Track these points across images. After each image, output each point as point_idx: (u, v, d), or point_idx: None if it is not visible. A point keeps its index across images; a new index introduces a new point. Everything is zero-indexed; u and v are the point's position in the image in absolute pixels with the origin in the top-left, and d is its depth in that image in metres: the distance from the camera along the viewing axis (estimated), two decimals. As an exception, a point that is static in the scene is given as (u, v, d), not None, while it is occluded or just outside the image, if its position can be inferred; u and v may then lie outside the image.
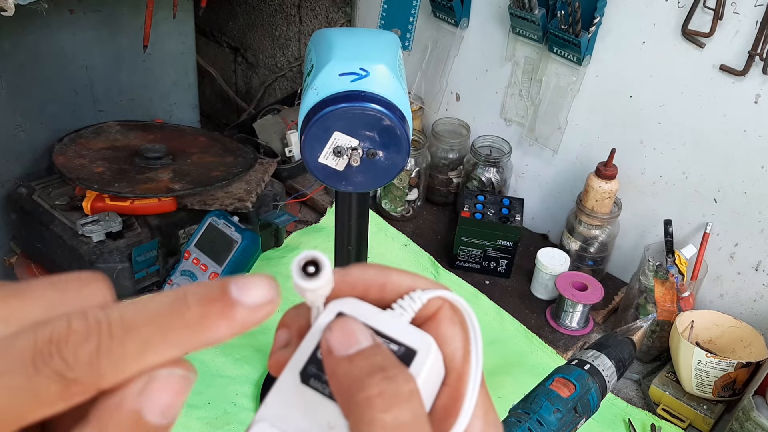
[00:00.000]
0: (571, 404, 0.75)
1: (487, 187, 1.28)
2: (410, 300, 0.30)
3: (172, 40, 1.37)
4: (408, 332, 0.29)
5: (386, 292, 0.31)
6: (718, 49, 1.00)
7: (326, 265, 0.29)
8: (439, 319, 0.31)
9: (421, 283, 0.31)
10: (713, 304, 1.14)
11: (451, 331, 0.31)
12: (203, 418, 0.92)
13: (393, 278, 0.31)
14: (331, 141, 0.65)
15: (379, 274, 0.31)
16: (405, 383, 0.27)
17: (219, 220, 1.03)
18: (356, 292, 0.31)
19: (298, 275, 0.29)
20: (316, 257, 0.29)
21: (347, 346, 0.28)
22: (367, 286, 0.31)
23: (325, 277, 0.29)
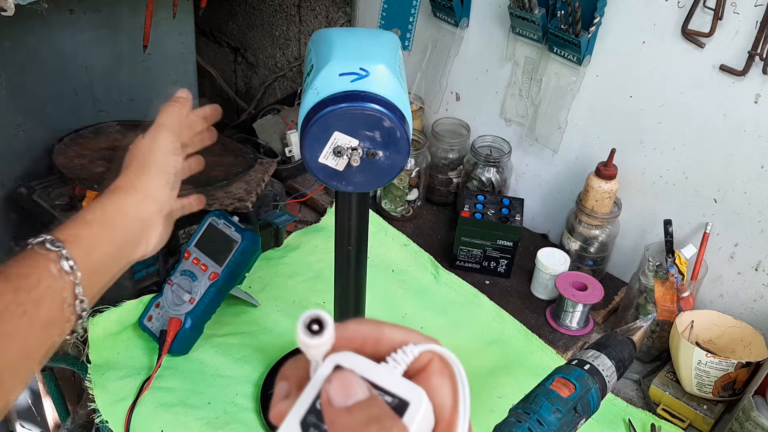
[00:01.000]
0: (571, 404, 0.75)
1: (487, 187, 1.28)
2: (403, 353, 0.33)
3: (172, 40, 1.37)
4: (401, 384, 0.32)
5: (381, 346, 0.34)
6: (718, 49, 1.00)
7: (329, 324, 0.31)
8: (429, 371, 0.33)
9: (413, 337, 0.34)
10: (713, 304, 1.14)
11: (441, 383, 0.33)
12: (203, 418, 0.92)
13: (387, 333, 0.34)
14: (331, 141, 0.65)
15: (374, 329, 0.34)
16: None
17: (219, 220, 1.03)
18: (353, 346, 0.34)
19: (303, 333, 0.31)
20: (321, 316, 0.31)
21: (346, 397, 0.31)
22: (363, 340, 0.34)
23: (328, 334, 0.31)
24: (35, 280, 0.56)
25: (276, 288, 1.15)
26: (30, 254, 0.58)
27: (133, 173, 0.69)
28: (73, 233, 0.61)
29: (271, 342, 1.05)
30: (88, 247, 0.61)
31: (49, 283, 0.57)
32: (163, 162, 0.70)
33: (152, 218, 0.69)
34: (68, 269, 0.58)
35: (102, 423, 0.92)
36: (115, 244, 0.65)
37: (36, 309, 0.55)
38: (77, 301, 0.59)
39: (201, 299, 1.00)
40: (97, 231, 0.63)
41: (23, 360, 0.55)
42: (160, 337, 1.00)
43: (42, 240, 0.59)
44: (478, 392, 1.00)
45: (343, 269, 0.82)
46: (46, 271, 0.57)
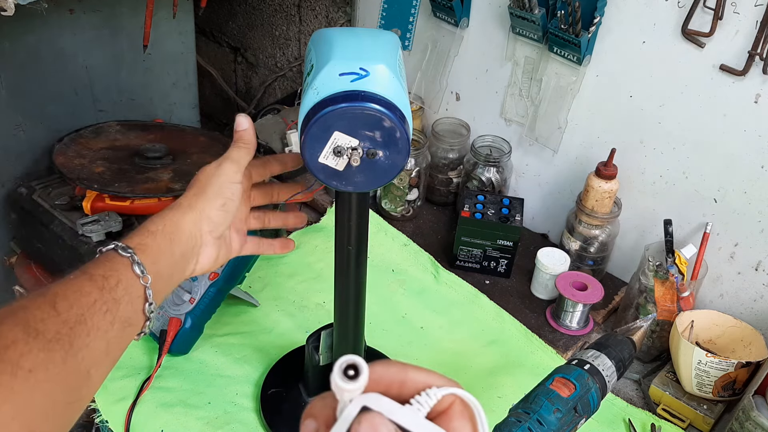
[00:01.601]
0: (571, 404, 0.75)
1: (487, 187, 1.28)
2: (426, 396, 0.35)
3: (172, 40, 1.37)
4: (424, 426, 0.34)
5: (405, 388, 0.36)
6: (718, 49, 1.00)
7: (365, 370, 0.33)
8: (451, 414, 0.36)
9: (436, 381, 0.37)
10: (713, 304, 1.14)
11: (461, 424, 0.36)
12: (203, 418, 0.92)
13: (411, 375, 0.37)
14: (331, 141, 0.65)
15: (399, 372, 0.37)
16: None
17: (219, 220, 1.03)
18: (379, 388, 0.36)
19: (340, 377, 0.32)
20: (357, 362, 0.32)
21: None
22: (389, 382, 0.36)
23: (362, 380, 0.33)
24: (115, 281, 0.61)
25: (276, 288, 1.15)
26: (108, 257, 0.63)
27: (193, 194, 0.74)
28: (140, 242, 0.66)
29: (271, 342, 1.05)
30: (153, 255, 0.66)
31: (126, 285, 0.62)
32: (221, 187, 0.75)
33: (204, 237, 0.73)
34: (140, 273, 0.63)
35: (102, 423, 0.92)
36: (174, 256, 0.69)
37: (116, 308, 0.61)
38: (147, 304, 0.64)
39: (201, 299, 1.00)
40: (160, 242, 0.68)
41: (106, 356, 0.60)
42: (160, 337, 1.00)
43: (114, 247, 0.64)
44: (478, 392, 1.00)
45: (343, 269, 0.82)
46: (125, 273, 0.63)
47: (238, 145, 0.78)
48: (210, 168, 0.76)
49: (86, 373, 0.56)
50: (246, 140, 0.78)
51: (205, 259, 0.74)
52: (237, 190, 0.76)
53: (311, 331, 0.93)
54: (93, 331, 0.57)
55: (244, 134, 0.78)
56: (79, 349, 0.55)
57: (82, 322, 0.56)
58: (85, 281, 0.59)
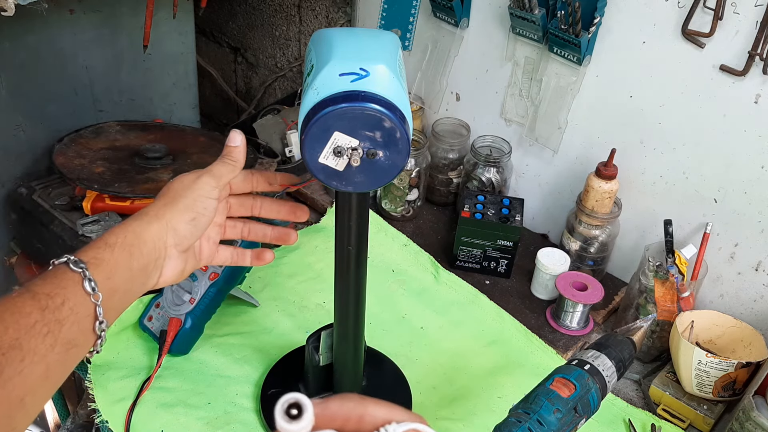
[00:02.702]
0: (571, 404, 0.75)
1: (487, 187, 1.28)
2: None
3: (172, 40, 1.37)
4: None
5: (364, 424, 0.35)
6: (718, 49, 1.00)
7: (308, 408, 0.31)
8: None
9: (396, 415, 0.36)
10: (713, 304, 1.14)
11: None
12: (203, 418, 0.92)
13: (370, 410, 0.36)
14: (331, 141, 0.65)
15: (357, 407, 0.36)
16: None
17: (219, 220, 1.03)
18: (335, 424, 0.35)
19: (282, 418, 0.31)
20: (299, 400, 0.31)
21: None
22: (346, 417, 0.35)
23: (306, 419, 0.32)
24: (60, 300, 0.57)
25: (276, 288, 1.15)
26: (56, 273, 0.59)
27: (162, 203, 0.70)
28: (95, 255, 0.62)
29: (271, 342, 1.05)
30: (109, 270, 0.62)
31: (74, 304, 0.58)
32: (194, 201, 0.70)
33: (169, 250, 0.69)
34: (90, 290, 0.59)
35: (102, 423, 0.92)
36: (132, 270, 0.65)
37: (59, 329, 0.56)
38: (98, 322, 0.60)
39: (201, 299, 1.00)
40: (118, 255, 0.63)
41: (45, 381, 0.55)
42: (160, 337, 1.00)
43: (65, 260, 0.60)
44: (478, 392, 1.00)
45: (343, 269, 0.82)
46: (73, 291, 0.58)
47: (224, 161, 0.74)
48: (187, 178, 0.72)
49: (19, 402, 0.52)
50: (234, 157, 0.74)
51: (170, 271, 0.70)
52: (211, 206, 0.71)
53: (311, 331, 0.93)
54: (29, 355, 0.53)
55: (234, 151, 0.74)
56: (9, 378, 0.51)
57: (16, 347, 0.52)
58: (26, 300, 0.55)
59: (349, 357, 0.90)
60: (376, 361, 1.02)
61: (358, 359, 0.92)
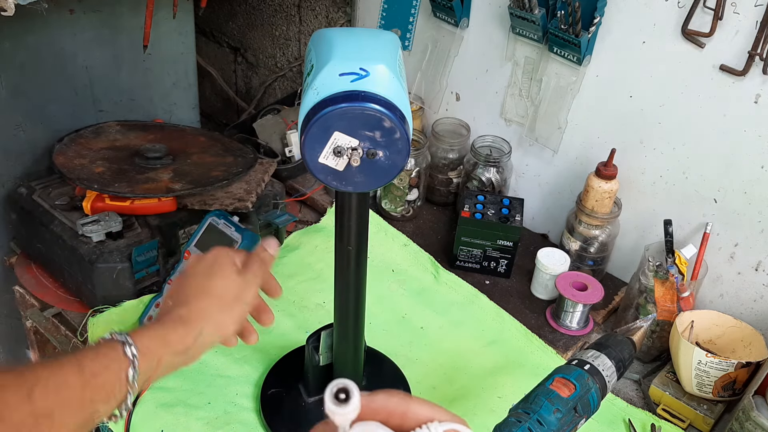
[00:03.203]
0: (571, 404, 0.75)
1: (487, 187, 1.28)
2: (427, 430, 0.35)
3: (172, 40, 1.37)
4: None
5: (407, 420, 0.36)
6: (718, 49, 1.00)
7: (355, 394, 0.33)
8: None
9: (439, 415, 0.36)
10: (713, 304, 1.14)
11: None
12: (203, 418, 0.92)
13: (413, 408, 0.36)
14: (331, 141, 0.65)
15: (401, 403, 0.36)
16: None
17: (219, 220, 1.03)
18: (379, 417, 0.36)
19: (331, 401, 0.33)
20: (348, 386, 0.33)
21: None
22: (390, 412, 0.36)
23: (353, 404, 0.33)
24: (101, 381, 0.60)
25: (276, 288, 1.15)
26: (108, 353, 0.61)
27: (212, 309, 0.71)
28: (148, 346, 0.64)
29: (271, 342, 1.05)
30: (154, 361, 0.64)
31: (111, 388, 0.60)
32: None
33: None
34: (131, 380, 0.61)
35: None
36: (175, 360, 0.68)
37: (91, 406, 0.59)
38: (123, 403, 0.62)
39: (201, 299, 1.00)
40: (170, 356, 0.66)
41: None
42: (160, 337, 1.00)
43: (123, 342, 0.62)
44: (478, 392, 1.00)
45: (343, 269, 0.82)
46: (115, 376, 0.60)
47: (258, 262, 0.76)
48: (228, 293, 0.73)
49: None
50: (272, 288, 0.78)
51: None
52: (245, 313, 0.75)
53: (311, 331, 0.93)
54: (56, 426, 0.56)
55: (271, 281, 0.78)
56: None
57: (48, 417, 0.55)
58: (73, 372, 0.58)
59: (349, 357, 0.90)
60: (376, 361, 1.02)
61: (358, 359, 0.92)
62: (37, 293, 1.14)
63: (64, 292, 1.13)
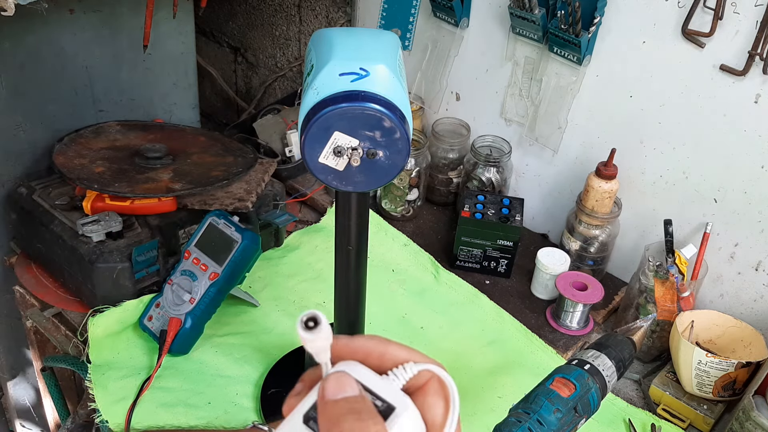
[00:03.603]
0: (571, 404, 0.75)
1: (487, 187, 1.28)
2: (402, 370, 0.37)
3: (172, 40, 1.37)
4: (393, 394, 0.36)
5: (385, 360, 0.38)
6: (718, 49, 1.00)
7: (323, 321, 0.35)
8: (426, 390, 0.37)
9: (415, 357, 0.38)
10: (713, 304, 1.14)
11: (434, 401, 0.37)
12: (203, 418, 0.92)
13: (391, 350, 0.38)
14: (331, 141, 0.65)
15: (380, 345, 0.38)
16: (373, 425, 0.33)
17: (219, 220, 1.03)
18: (358, 356, 0.38)
19: (301, 328, 0.35)
20: (316, 315, 0.35)
21: (336, 392, 0.35)
22: (368, 352, 0.38)
23: (322, 330, 0.35)
24: None
25: (276, 288, 1.15)
26: None
27: None
28: None
29: (271, 342, 1.05)
30: None
31: None
32: None
33: None
34: None
35: (102, 423, 0.92)
36: None
37: None
38: None
39: (201, 299, 1.00)
40: None
41: None
42: (161, 337, 1.00)
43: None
44: (478, 392, 1.00)
45: (343, 269, 0.82)
46: None
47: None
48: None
49: None
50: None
51: None
52: None
53: (311, 331, 0.93)
54: None
55: None
56: None
57: None
58: None
59: (349, 357, 0.90)
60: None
61: (358, 359, 0.91)
62: (37, 293, 1.14)
63: (64, 292, 1.13)
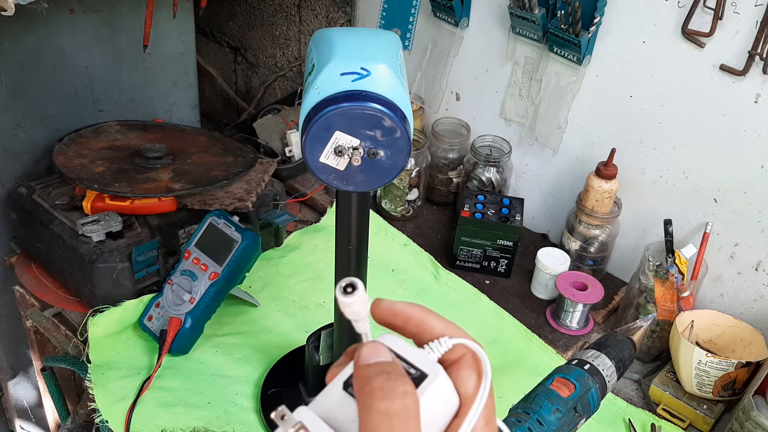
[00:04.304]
0: (571, 404, 0.75)
1: (487, 187, 1.28)
2: (438, 344, 0.38)
3: (172, 40, 1.37)
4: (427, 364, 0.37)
5: (423, 329, 0.39)
6: (718, 48, 1.00)
7: (360, 288, 0.37)
8: (460, 363, 0.38)
9: (452, 331, 0.39)
10: (713, 303, 1.14)
11: (467, 375, 0.38)
12: (203, 418, 0.92)
13: (430, 319, 0.39)
14: (332, 140, 0.65)
15: (421, 313, 0.39)
16: (402, 385, 0.34)
17: (219, 220, 1.03)
18: (398, 320, 0.39)
19: (340, 293, 0.37)
20: (354, 282, 0.37)
21: (369, 357, 0.36)
22: (408, 318, 0.39)
23: (359, 295, 0.37)
24: None
25: (276, 288, 1.15)
26: None
27: None
28: None
29: (272, 342, 1.05)
30: None
31: None
32: None
33: None
34: None
35: (102, 423, 0.92)
36: None
37: None
38: None
39: (201, 299, 1.00)
40: None
41: None
42: (160, 337, 1.00)
43: None
44: (478, 392, 1.00)
45: (343, 269, 0.82)
46: None
47: None
48: None
49: None
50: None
51: None
52: None
53: (311, 331, 0.93)
54: None
55: None
56: None
57: None
58: None
59: (349, 357, 0.90)
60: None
61: (358, 359, 0.91)
62: (37, 293, 1.14)
63: (64, 292, 1.13)
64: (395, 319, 0.39)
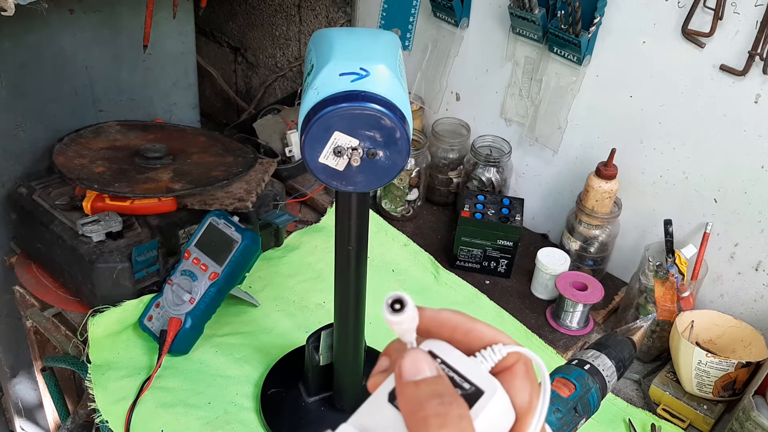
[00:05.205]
0: (571, 404, 0.75)
1: (487, 187, 1.28)
2: (491, 352, 0.36)
3: (172, 40, 1.37)
4: (481, 376, 0.35)
5: (471, 338, 0.37)
6: (718, 49, 1.00)
7: (409, 304, 0.34)
8: (514, 372, 0.36)
9: (503, 338, 0.36)
10: (713, 304, 1.14)
11: (523, 385, 0.36)
12: (203, 418, 0.92)
13: (478, 327, 0.37)
14: (331, 141, 0.65)
15: (467, 321, 0.37)
16: (457, 409, 0.32)
17: (219, 220, 1.03)
18: (444, 330, 0.37)
19: (387, 311, 0.34)
20: (403, 297, 0.34)
21: (413, 373, 0.34)
22: (455, 327, 0.37)
23: (408, 313, 0.34)
24: None
25: (276, 288, 1.15)
26: None
27: None
28: None
29: (271, 342, 1.05)
30: None
31: None
32: None
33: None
34: None
35: (102, 423, 0.92)
36: None
37: None
38: None
39: (201, 299, 1.00)
40: None
41: None
42: (160, 337, 1.00)
43: None
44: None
45: (343, 269, 0.82)
46: None
47: None
48: None
49: None
50: None
51: None
52: None
53: (311, 331, 0.93)
54: None
55: None
56: None
57: None
58: None
59: (349, 357, 0.90)
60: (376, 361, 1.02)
61: (358, 359, 0.92)
62: (37, 293, 1.14)
63: (64, 292, 1.13)
64: (441, 329, 0.37)
